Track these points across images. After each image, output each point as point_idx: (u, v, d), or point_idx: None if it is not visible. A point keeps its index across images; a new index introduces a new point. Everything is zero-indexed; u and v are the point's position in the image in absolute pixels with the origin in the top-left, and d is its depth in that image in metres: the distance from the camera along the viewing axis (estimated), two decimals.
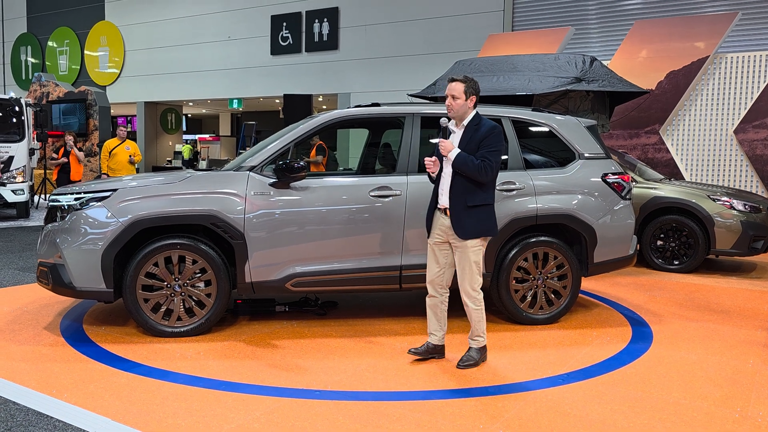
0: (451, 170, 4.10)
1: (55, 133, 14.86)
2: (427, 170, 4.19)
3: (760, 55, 10.05)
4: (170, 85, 19.50)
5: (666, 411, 3.54)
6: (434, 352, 4.33)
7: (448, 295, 4.30)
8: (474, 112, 4.18)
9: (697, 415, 3.49)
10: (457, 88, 4.10)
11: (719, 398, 3.75)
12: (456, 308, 4.64)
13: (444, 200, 4.14)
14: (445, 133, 4.13)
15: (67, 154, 12.80)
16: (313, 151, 10.61)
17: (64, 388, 3.72)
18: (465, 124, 4.16)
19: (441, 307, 4.29)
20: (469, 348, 4.27)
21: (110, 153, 10.99)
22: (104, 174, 11.03)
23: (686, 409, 3.58)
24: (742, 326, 5.39)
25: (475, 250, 4.12)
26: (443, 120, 4.14)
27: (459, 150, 4.06)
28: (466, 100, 4.11)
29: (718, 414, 3.52)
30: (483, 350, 4.27)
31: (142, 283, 4.65)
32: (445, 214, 4.14)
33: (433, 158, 4.14)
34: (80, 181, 12.35)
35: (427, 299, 4.31)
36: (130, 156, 11.00)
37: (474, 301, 4.16)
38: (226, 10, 18.09)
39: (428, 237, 4.28)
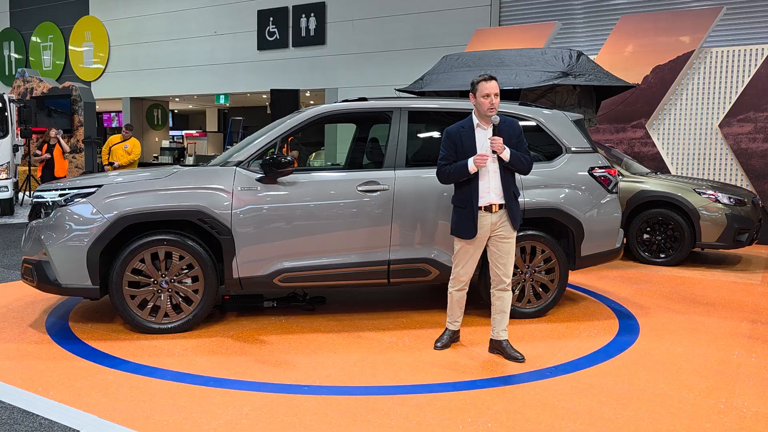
0: (497, 166, 4.18)
1: (39, 129, 14.72)
2: (478, 166, 4.14)
3: (745, 50, 10.13)
4: (156, 81, 19.32)
5: (652, 402, 3.57)
6: (456, 338, 4.59)
7: None
8: None
9: (683, 406, 3.53)
10: (497, 86, 4.17)
11: (705, 389, 3.79)
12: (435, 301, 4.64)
13: (492, 197, 4.19)
14: (495, 132, 4.15)
15: (50, 150, 12.70)
16: (286, 146, 10.66)
17: (50, 385, 3.69)
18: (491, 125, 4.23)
19: (465, 297, 4.50)
20: (506, 341, 4.34)
21: (110, 149, 11.66)
22: (106, 166, 11.64)
23: (672, 400, 3.61)
24: (727, 318, 5.45)
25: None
26: (495, 118, 4.15)
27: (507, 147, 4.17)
28: None
29: (704, 405, 3.56)
30: None
31: (128, 279, 4.61)
32: (491, 211, 4.19)
33: (485, 153, 4.16)
34: (65, 177, 12.27)
35: (457, 293, 4.43)
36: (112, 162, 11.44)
37: (510, 289, 4.33)
38: (211, 5, 17.94)
39: (470, 239, 4.24)
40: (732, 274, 7.50)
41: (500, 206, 4.21)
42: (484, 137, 4.22)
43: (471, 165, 4.15)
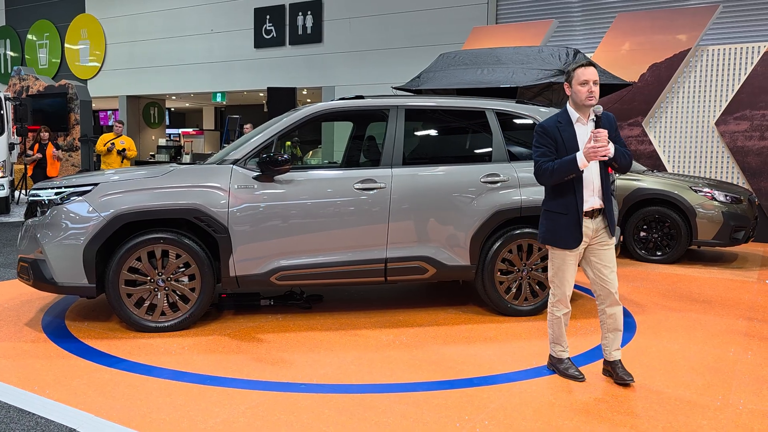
0: (598, 164, 3.66)
1: (34, 128, 14.67)
2: (591, 159, 3.53)
3: (741, 48, 10.15)
4: (152, 79, 19.29)
5: (649, 400, 3.58)
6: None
7: None
8: None
9: (680, 404, 3.53)
10: (596, 72, 3.63)
11: (701, 387, 3.80)
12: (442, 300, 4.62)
13: (596, 200, 3.68)
14: (599, 124, 3.59)
15: (42, 149, 12.68)
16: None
17: (46, 384, 3.68)
18: (591, 116, 3.65)
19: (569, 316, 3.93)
20: (620, 361, 3.84)
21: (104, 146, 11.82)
22: (107, 143, 11.91)
23: (669, 397, 3.62)
24: (723, 316, 5.46)
25: None
26: (597, 108, 3.58)
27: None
28: None
29: (700, 402, 3.57)
30: None
31: (125, 278, 4.60)
32: (593, 216, 3.69)
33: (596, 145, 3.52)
34: (58, 176, 12.28)
35: (565, 316, 3.86)
36: (123, 149, 11.77)
37: (620, 301, 3.80)
38: (208, 2, 17.91)
39: (572, 249, 3.70)
40: (728, 271, 7.51)
41: (599, 210, 3.70)
42: (584, 133, 3.66)
43: (582, 160, 3.53)
